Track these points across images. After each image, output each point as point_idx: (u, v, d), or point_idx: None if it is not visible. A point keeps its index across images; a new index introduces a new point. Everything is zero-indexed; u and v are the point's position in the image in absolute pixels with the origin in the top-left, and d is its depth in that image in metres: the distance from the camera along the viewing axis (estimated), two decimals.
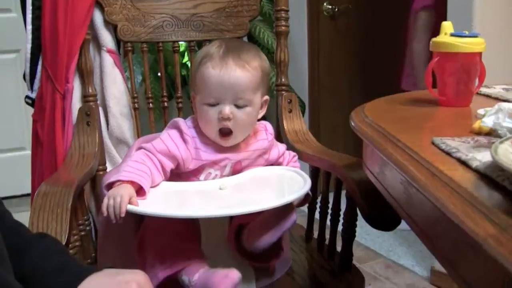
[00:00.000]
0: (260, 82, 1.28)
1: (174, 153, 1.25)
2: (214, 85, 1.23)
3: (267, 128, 1.36)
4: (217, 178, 1.30)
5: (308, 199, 1.33)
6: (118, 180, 1.18)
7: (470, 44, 1.15)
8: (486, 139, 0.85)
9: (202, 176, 1.30)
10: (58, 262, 0.77)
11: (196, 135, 1.28)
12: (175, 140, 1.27)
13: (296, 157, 1.44)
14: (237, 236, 1.26)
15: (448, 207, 0.62)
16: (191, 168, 1.28)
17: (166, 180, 1.27)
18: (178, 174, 1.30)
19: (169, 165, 1.26)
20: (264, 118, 1.40)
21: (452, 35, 1.17)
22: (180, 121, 1.29)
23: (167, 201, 1.22)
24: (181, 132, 1.27)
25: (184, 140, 1.27)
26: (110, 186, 1.19)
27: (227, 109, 1.24)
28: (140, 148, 1.28)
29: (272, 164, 1.39)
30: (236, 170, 1.31)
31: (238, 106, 1.25)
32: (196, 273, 1.15)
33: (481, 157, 0.73)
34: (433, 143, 0.84)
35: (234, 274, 1.10)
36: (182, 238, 1.21)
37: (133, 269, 0.77)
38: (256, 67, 1.26)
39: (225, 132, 1.26)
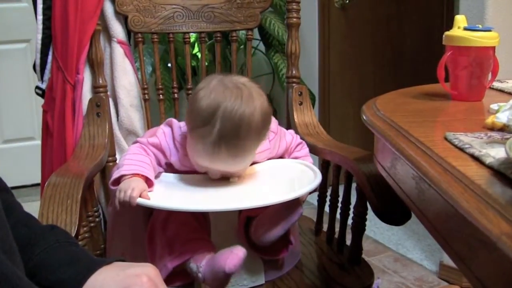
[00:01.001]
0: (257, 145, 1.23)
1: (165, 151, 1.27)
2: (202, 161, 1.20)
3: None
4: None
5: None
6: (122, 176, 1.18)
7: (484, 38, 1.14)
8: (499, 135, 0.84)
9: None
10: (68, 254, 0.76)
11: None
12: (168, 140, 1.28)
13: (303, 145, 1.43)
14: (246, 228, 1.27)
15: (461, 204, 0.61)
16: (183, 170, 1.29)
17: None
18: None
19: (163, 158, 1.28)
20: (274, 111, 1.40)
21: (465, 29, 1.16)
22: (174, 123, 1.29)
23: (176, 193, 1.22)
24: (173, 135, 1.28)
25: (175, 145, 1.27)
26: (117, 181, 1.20)
27: (216, 176, 1.25)
28: (135, 142, 1.29)
29: (280, 155, 1.39)
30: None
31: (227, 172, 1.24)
32: (203, 259, 1.16)
33: (495, 153, 0.72)
34: (445, 139, 0.84)
35: (239, 250, 1.10)
36: (191, 229, 1.21)
37: (143, 262, 0.77)
38: (254, 145, 1.20)
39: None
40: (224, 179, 1.26)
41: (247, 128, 1.14)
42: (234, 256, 1.09)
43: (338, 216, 1.47)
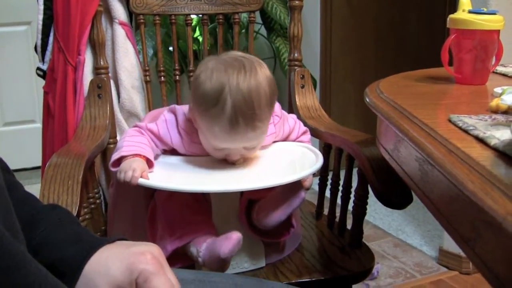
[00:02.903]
0: (271, 113, 1.23)
1: (164, 139, 1.26)
2: (221, 142, 1.18)
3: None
4: None
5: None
6: (122, 157, 1.18)
7: (489, 21, 1.13)
8: (503, 117, 0.84)
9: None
10: (71, 232, 0.76)
11: (194, 129, 1.25)
12: (170, 127, 1.26)
13: (307, 132, 1.43)
14: (248, 211, 1.26)
15: (466, 185, 0.61)
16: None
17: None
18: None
19: (160, 145, 1.28)
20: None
21: (470, 12, 1.15)
22: (178, 110, 1.27)
23: (178, 174, 1.22)
24: (177, 122, 1.27)
25: (179, 132, 1.26)
26: (117, 163, 1.19)
27: (237, 156, 1.23)
28: (134, 126, 1.28)
29: (284, 139, 1.39)
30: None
31: (248, 148, 1.22)
32: (203, 243, 1.16)
33: (500, 135, 0.72)
34: (449, 121, 0.83)
35: (234, 234, 1.10)
36: (193, 211, 1.21)
37: (146, 242, 0.76)
38: (267, 114, 1.19)
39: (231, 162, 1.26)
40: (227, 161, 1.25)
41: (258, 97, 1.13)
42: (228, 241, 1.09)
43: (339, 200, 1.47)
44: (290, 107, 1.72)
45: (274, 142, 1.36)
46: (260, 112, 1.14)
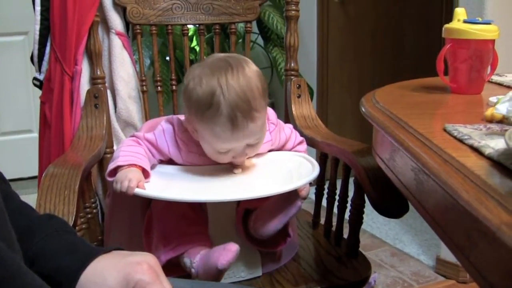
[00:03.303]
0: (266, 104, 1.22)
1: (162, 149, 1.26)
2: (225, 143, 1.18)
3: (268, 117, 1.31)
4: None
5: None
6: (118, 166, 1.18)
7: (483, 31, 1.14)
8: (498, 127, 0.84)
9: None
10: (67, 242, 0.76)
11: (191, 139, 1.25)
12: (168, 137, 1.26)
13: (303, 142, 1.43)
14: (244, 221, 1.26)
15: (461, 194, 0.61)
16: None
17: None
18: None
19: (157, 155, 1.28)
20: (272, 103, 1.39)
21: (465, 21, 1.15)
22: (175, 120, 1.28)
23: (174, 184, 1.22)
24: (174, 132, 1.27)
25: (177, 142, 1.26)
26: (113, 173, 1.19)
27: (243, 159, 1.24)
28: (132, 136, 1.28)
29: (280, 148, 1.39)
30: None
31: (251, 144, 1.22)
32: (197, 254, 1.16)
33: (494, 145, 0.72)
34: (445, 130, 0.83)
35: (232, 246, 1.10)
36: (188, 221, 1.21)
37: (142, 252, 0.77)
38: (263, 105, 1.19)
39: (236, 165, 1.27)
40: (224, 171, 1.26)
41: (251, 90, 1.14)
42: (226, 252, 1.09)
43: (335, 210, 1.47)
44: (287, 117, 1.72)
45: (270, 150, 1.36)
46: (255, 103, 1.15)
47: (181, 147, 1.26)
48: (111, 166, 1.20)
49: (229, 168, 1.27)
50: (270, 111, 1.32)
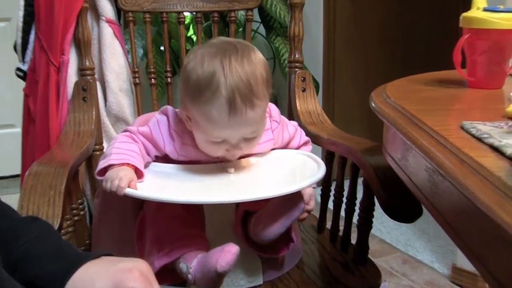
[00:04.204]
0: (268, 96, 1.22)
1: (157, 142, 1.26)
2: (220, 130, 1.17)
3: (271, 114, 1.32)
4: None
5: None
6: (110, 165, 1.18)
7: (505, 20, 1.12)
8: None
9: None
10: (52, 247, 0.76)
11: (186, 130, 1.25)
12: (162, 130, 1.26)
13: (309, 143, 1.43)
14: (244, 224, 1.26)
15: (479, 197, 0.61)
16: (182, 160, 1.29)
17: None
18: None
19: (153, 150, 1.27)
20: (274, 98, 1.39)
21: (485, 9, 1.15)
22: (170, 111, 1.28)
23: (168, 184, 1.22)
24: (169, 123, 1.27)
25: (171, 135, 1.26)
26: (103, 171, 1.19)
27: (238, 152, 1.23)
28: (125, 130, 1.28)
29: (283, 147, 1.39)
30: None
31: (248, 138, 1.22)
32: (194, 259, 1.15)
33: None
34: (462, 128, 0.83)
35: (231, 247, 1.10)
36: (183, 224, 1.21)
37: (133, 258, 0.76)
38: (265, 93, 1.19)
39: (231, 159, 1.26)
40: (222, 170, 1.25)
41: (254, 76, 1.14)
42: (226, 253, 1.09)
43: (342, 213, 1.46)
44: (290, 112, 1.72)
45: (273, 150, 1.36)
46: (257, 89, 1.15)
47: (175, 139, 1.26)
48: (102, 164, 1.19)
49: (227, 167, 1.27)
50: (273, 107, 1.32)
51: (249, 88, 1.13)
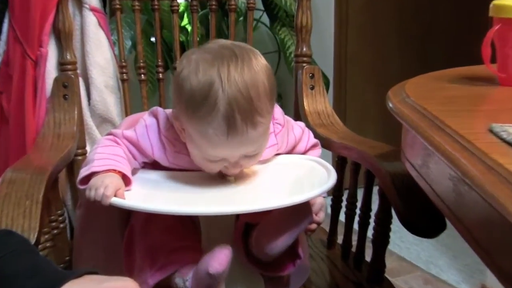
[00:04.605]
0: (272, 109, 1.21)
1: (144, 149, 1.25)
2: (218, 150, 1.16)
3: (274, 116, 1.30)
4: None
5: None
6: (92, 173, 1.18)
7: None
8: None
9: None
10: (29, 264, 0.76)
11: (178, 137, 1.24)
12: (151, 135, 1.26)
13: (318, 146, 1.43)
14: (245, 238, 1.26)
15: (509, 208, 0.61)
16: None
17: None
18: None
19: (139, 156, 1.27)
20: (278, 96, 1.39)
21: None
22: (160, 114, 1.27)
23: (159, 192, 1.22)
24: (159, 128, 1.27)
25: (161, 141, 1.26)
26: (86, 180, 1.19)
27: (237, 169, 1.23)
28: (109, 134, 1.28)
29: (288, 152, 1.39)
30: None
31: (249, 155, 1.21)
32: (190, 271, 1.15)
33: None
34: (490, 131, 0.83)
35: (223, 248, 1.09)
36: (177, 236, 1.21)
37: (120, 276, 0.76)
38: (268, 108, 1.17)
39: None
40: (219, 178, 1.25)
41: (255, 88, 1.13)
42: (217, 254, 1.08)
43: (355, 226, 1.46)
44: (297, 113, 1.72)
45: (277, 155, 1.36)
46: (259, 105, 1.13)
47: (166, 146, 1.26)
48: (84, 172, 1.19)
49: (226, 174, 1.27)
50: (277, 109, 1.31)
51: (250, 103, 1.12)
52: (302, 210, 1.18)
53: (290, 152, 1.39)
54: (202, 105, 1.11)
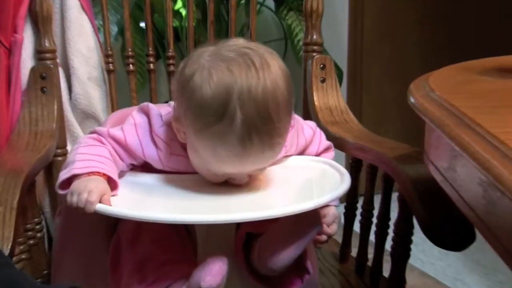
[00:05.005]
0: (290, 121, 1.22)
1: (134, 150, 1.26)
2: (227, 168, 1.17)
3: None
4: None
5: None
6: (73, 176, 1.17)
7: None
8: None
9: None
10: (3, 280, 0.77)
11: (173, 137, 1.25)
12: (141, 135, 1.26)
13: (331, 149, 1.43)
14: (246, 250, 1.26)
15: None
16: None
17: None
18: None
19: (127, 158, 1.28)
20: None
21: None
22: (152, 111, 1.27)
23: (150, 198, 1.22)
24: (151, 127, 1.27)
25: (154, 141, 1.26)
26: (67, 184, 1.18)
27: (243, 180, 1.24)
28: (92, 132, 1.28)
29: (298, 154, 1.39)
30: None
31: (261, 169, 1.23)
32: (183, 286, 1.15)
33: None
34: None
35: (216, 259, 1.09)
36: (170, 248, 1.21)
37: None
38: (286, 125, 1.18)
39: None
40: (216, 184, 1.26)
41: (275, 105, 1.12)
42: (211, 266, 1.08)
43: (371, 237, 1.47)
44: (306, 109, 1.72)
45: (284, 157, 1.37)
46: (279, 125, 1.13)
47: (160, 147, 1.26)
48: (64, 174, 1.19)
49: None
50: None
51: (270, 124, 1.12)
52: (311, 217, 1.18)
53: (300, 154, 1.39)
54: (216, 122, 1.10)
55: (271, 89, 1.12)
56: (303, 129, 1.38)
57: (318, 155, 1.41)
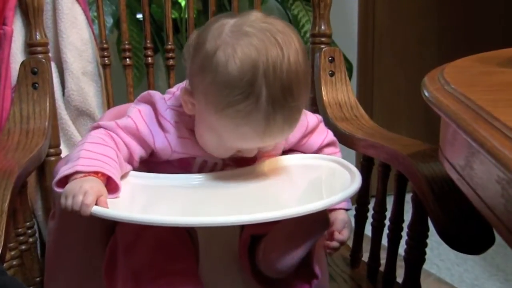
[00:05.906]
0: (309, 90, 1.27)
1: (145, 138, 1.26)
2: (245, 143, 1.21)
3: None
4: (217, 169, 1.31)
5: None
6: (76, 172, 1.17)
7: None
8: None
9: (194, 168, 1.30)
10: None
11: (179, 120, 1.27)
12: (148, 121, 1.27)
13: (335, 145, 1.44)
14: (250, 253, 1.27)
15: None
16: (174, 159, 1.29)
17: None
18: (156, 163, 1.30)
19: (139, 151, 1.27)
20: None
21: None
22: (156, 96, 1.29)
23: (148, 200, 1.22)
24: (156, 112, 1.27)
25: (161, 125, 1.27)
26: (64, 182, 1.18)
27: (251, 155, 1.27)
28: (97, 127, 1.28)
29: (296, 143, 1.39)
30: (246, 160, 1.31)
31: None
32: None
33: None
34: None
35: None
36: (170, 255, 1.21)
37: None
38: (306, 104, 1.24)
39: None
40: (223, 180, 1.26)
41: (297, 80, 1.16)
42: None
43: (384, 240, 1.47)
44: (314, 103, 1.72)
45: (286, 151, 1.37)
46: (300, 103, 1.19)
47: (168, 129, 1.26)
48: (65, 170, 1.17)
49: (230, 176, 1.27)
50: None
51: (294, 102, 1.17)
52: (319, 217, 1.19)
53: (301, 143, 1.39)
54: (242, 100, 1.14)
55: (294, 66, 1.16)
56: (306, 114, 1.38)
57: (321, 148, 1.41)
